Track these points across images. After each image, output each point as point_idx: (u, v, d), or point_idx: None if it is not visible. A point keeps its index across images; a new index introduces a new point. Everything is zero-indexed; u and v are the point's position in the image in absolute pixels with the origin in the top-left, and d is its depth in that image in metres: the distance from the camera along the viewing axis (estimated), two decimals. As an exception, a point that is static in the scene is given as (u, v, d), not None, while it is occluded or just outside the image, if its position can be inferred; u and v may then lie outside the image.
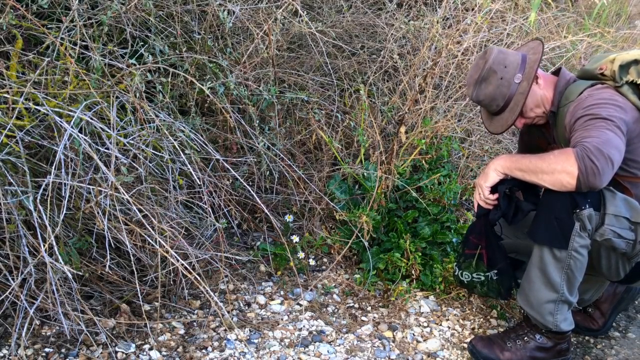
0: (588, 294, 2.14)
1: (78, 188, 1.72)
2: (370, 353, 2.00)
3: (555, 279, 1.84)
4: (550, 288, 1.85)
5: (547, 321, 1.89)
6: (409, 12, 3.23)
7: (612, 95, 1.82)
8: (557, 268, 1.83)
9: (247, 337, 1.99)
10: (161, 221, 1.85)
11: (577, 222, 1.77)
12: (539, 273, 1.86)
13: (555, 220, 1.80)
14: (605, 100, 1.79)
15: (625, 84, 1.85)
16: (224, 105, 2.12)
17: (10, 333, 1.75)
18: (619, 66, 1.86)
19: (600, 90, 1.85)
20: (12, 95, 1.61)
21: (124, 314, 1.92)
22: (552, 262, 1.82)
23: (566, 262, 1.81)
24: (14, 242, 1.70)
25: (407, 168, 2.57)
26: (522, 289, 1.95)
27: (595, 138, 1.68)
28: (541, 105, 1.96)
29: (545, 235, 1.83)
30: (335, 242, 2.45)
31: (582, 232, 1.78)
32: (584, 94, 1.85)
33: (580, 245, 1.80)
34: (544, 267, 1.84)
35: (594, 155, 1.64)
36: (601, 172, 1.64)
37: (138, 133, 1.82)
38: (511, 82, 1.91)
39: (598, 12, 4.74)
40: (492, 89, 1.92)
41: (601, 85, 1.88)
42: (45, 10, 1.93)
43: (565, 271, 1.82)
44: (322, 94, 2.80)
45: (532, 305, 1.90)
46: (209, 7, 2.34)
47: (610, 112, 1.75)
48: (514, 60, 1.92)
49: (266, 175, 2.41)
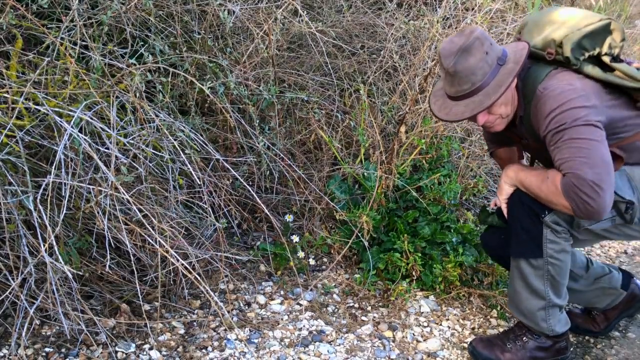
0: (604, 304, 2.13)
1: (78, 188, 1.72)
2: (370, 353, 2.00)
3: (539, 286, 1.84)
4: (537, 296, 1.86)
5: (542, 327, 1.91)
6: (409, 12, 3.23)
7: (570, 86, 1.64)
8: (538, 276, 1.83)
9: (247, 337, 1.99)
10: (161, 221, 1.85)
11: (545, 229, 1.77)
12: (522, 283, 1.86)
13: (523, 231, 1.80)
14: (567, 100, 1.61)
15: (582, 61, 1.69)
16: (224, 105, 2.12)
17: (10, 333, 1.75)
18: (570, 50, 1.67)
19: (556, 84, 1.66)
20: (12, 95, 1.61)
21: (124, 313, 1.92)
22: (532, 272, 1.83)
23: (545, 269, 1.82)
24: (14, 242, 1.70)
25: (407, 168, 2.57)
26: (511, 300, 1.96)
27: (577, 165, 1.57)
28: (509, 105, 1.73)
29: (518, 248, 1.84)
30: (335, 242, 2.45)
31: (555, 237, 1.78)
32: (540, 92, 1.67)
33: (556, 251, 1.80)
34: (525, 277, 1.85)
35: (581, 191, 1.57)
36: (595, 204, 1.56)
37: (138, 133, 1.81)
38: (494, 61, 1.64)
39: (598, 11, 4.74)
40: (474, 61, 1.62)
41: (555, 72, 1.70)
42: (45, 10, 1.93)
43: (546, 277, 1.83)
44: (322, 94, 2.80)
45: (525, 314, 1.91)
46: (209, 7, 2.33)
47: (577, 114, 1.60)
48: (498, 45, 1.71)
49: (266, 175, 2.41)
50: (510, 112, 1.75)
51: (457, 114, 1.67)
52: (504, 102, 1.70)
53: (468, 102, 1.66)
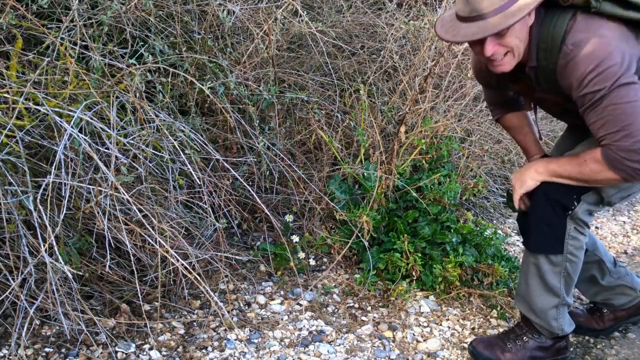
0: (619, 302, 2.13)
1: (78, 188, 1.71)
2: (370, 353, 2.00)
3: (555, 284, 1.83)
4: (552, 293, 1.85)
5: (552, 327, 1.90)
6: (409, 12, 3.23)
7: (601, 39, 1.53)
8: (555, 273, 1.82)
9: (247, 337, 1.99)
10: (161, 221, 1.84)
11: (570, 225, 1.77)
12: (538, 280, 1.85)
13: (547, 227, 1.78)
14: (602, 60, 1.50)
15: (601, 1, 1.55)
16: (224, 105, 2.12)
17: (10, 333, 1.75)
18: None
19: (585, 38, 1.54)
20: (12, 95, 1.61)
21: (124, 313, 1.92)
22: (550, 269, 1.82)
23: (563, 265, 1.81)
24: (14, 242, 1.70)
25: (407, 168, 2.57)
26: (521, 297, 1.94)
27: (621, 136, 1.51)
28: (523, 43, 1.61)
29: (539, 243, 1.82)
30: (335, 242, 2.45)
31: (577, 233, 1.78)
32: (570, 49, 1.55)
33: (575, 247, 1.79)
34: (542, 274, 1.83)
35: (630, 160, 1.51)
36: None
37: (138, 133, 1.81)
38: None
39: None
40: None
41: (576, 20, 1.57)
42: (45, 10, 1.93)
43: (563, 275, 1.83)
44: (322, 94, 2.80)
45: (536, 312, 1.90)
46: (209, 7, 2.33)
47: (614, 73, 1.50)
48: None
49: (266, 175, 2.41)
50: (521, 52, 1.63)
51: (467, 35, 1.55)
52: (519, 35, 1.58)
53: (481, 24, 1.53)
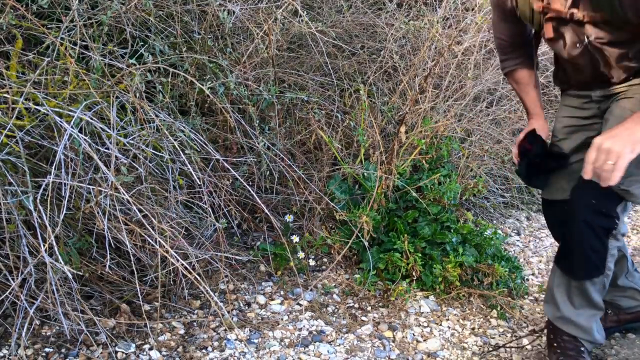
0: (627, 305, 2.14)
1: (78, 188, 1.72)
2: (370, 353, 2.00)
3: (598, 299, 1.87)
4: (595, 308, 1.89)
5: (596, 338, 1.93)
6: (409, 12, 3.23)
7: None
8: (597, 291, 1.85)
9: (247, 337, 1.99)
10: (161, 221, 1.85)
11: (611, 243, 1.78)
12: (584, 302, 1.87)
13: (593, 253, 1.78)
14: None
15: None
16: (224, 105, 2.12)
17: (10, 333, 1.75)
18: None
19: None
20: (12, 95, 1.61)
21: (124, 314, 1.92)
22: (593, 289, 1.85)
23: (602, 281, 1.84)
24: (14, 242, 1.70)
25: (407, 168, 2.57)
26: (566, 320, 1.91)
27: None
28: None
29: (586, 271, 1.83)
30: (335, 242, 2.45)
31: (614, 249, 1.80)
32: None
33: (611, 262, 1.82)
34: (588, 295, 1.86)
35: None
36: None
37: (138, 133, 1.81)
38: None
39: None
40: None
41: None
42: (45, 10, 1.93)
43: (602, 289, 1.86)
44: (322, 94, 2.80)
45: (583, 329, 1.91)
46: (209, 7, 2.33)
47: None
48: None
49: (266, 175, 2.41)
50: None
51: None
52: None
53: None
